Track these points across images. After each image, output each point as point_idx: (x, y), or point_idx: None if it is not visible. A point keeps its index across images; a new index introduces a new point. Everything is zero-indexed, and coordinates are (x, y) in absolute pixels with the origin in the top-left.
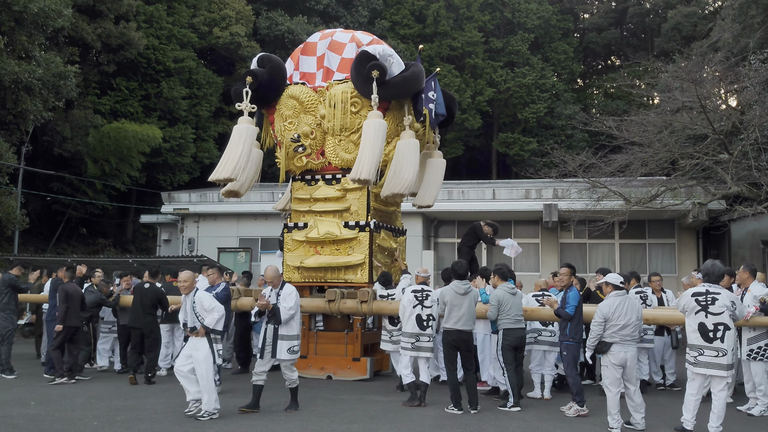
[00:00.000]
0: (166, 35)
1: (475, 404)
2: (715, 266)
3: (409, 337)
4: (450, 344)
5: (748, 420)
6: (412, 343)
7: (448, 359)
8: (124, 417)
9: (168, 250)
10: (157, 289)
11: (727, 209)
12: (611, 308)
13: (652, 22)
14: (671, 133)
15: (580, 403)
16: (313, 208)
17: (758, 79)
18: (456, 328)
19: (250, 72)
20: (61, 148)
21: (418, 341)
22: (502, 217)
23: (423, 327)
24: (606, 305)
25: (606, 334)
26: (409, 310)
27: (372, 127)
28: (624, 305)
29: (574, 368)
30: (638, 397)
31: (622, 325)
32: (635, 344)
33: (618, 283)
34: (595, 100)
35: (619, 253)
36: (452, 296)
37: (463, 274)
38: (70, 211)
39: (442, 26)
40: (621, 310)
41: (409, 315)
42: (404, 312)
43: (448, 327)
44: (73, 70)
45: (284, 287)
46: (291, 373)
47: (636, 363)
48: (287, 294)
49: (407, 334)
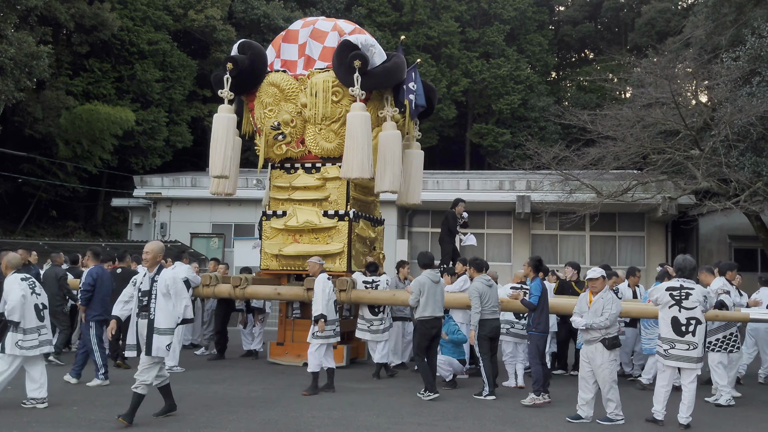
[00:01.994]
0: (140, 17)
1: (432, 389)
2: (687, 261)
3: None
4: (428, 332)
5: (715, 411)
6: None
7: (421, 346)
8: (104, 401)
9: (139, 234)
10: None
11: (696, 204)
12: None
13: (626, 16)
14: (644, 128)
15: (536, 392)
16: (293, 197)
17: (730, 77)
18: (435, 315)
19: (230, 58)
20: (32, 129)
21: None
22: (476, 208)
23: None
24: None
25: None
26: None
27: (357, 122)
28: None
29: (536, 358)
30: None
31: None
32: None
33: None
34: (569, 93)
35: (590, 245)
36: (429, 285)
37: (430, 263)
38: (41, 193)
39: (419, 15)
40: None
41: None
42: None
43: (427, 315)
44: (46, 50)
45: (162, 272)
46: (151, 373)
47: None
48: (165, 279)
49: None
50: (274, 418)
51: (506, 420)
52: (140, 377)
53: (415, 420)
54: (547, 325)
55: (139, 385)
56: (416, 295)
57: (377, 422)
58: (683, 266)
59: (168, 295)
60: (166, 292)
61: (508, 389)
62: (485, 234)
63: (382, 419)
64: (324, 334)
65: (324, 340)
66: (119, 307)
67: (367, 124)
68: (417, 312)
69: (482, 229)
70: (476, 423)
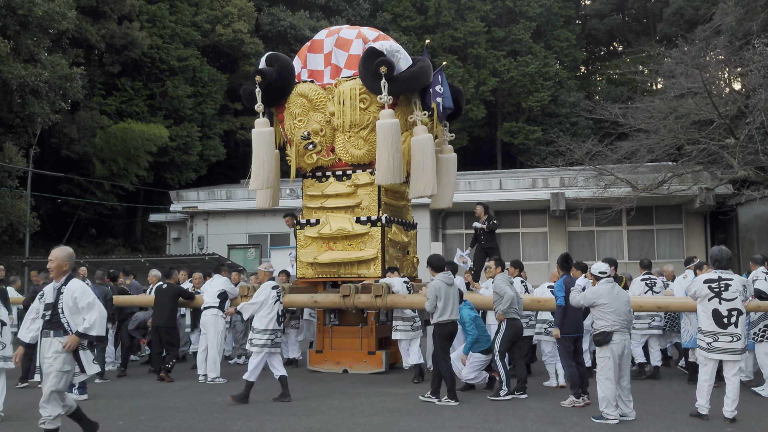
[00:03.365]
0: (169, 34)
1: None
2: (723, 251)
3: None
4: (448, 336)
5: (762, 402)
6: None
7: (444, 351)
8: (149, 416)
9: (178, 248)
10: (177, 287)
11: (734, 193)
12: (596, 294)
13: (653, 6)
14: (676, 119)
15: (575, 394)
16: (325, 205)
17: (762, 62)
18: (452, 319)
19: (259, 71)
20: (69, 149)
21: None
22: (510, 207)
23: None
24: (592, 291)
25: (604, 324)
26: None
27: (387, 130)
28: (612, 293)
29: (566, 359)
30: (627, 383)
31: (613, 312)
32: (628, 332)
33: (598, 273)
34: (599, 87)
35: (627, 239)
36: (445, 289)
37: (443, 266)
38: (80, 212)
39: (443, 17)
40: (609, 298)
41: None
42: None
43: (445, 319)
44: (79, 71)
45: (70, 282)
46: (55, 405)
47: (629, 352)
48: (73, 291)
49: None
50: (315, 426)
51: (548, 420)
52: (44, 411)
53: (456, 424)
54: (575, 325)
55: (45, 420)
56: (433, 300)
57: (418, 427)
58: (719, 257)
59: (75, 309)
60: (73, 305)
61: (549, 389)
62: (520, 233)
63: (423, 424)
64: (261, 342)
65: (259, 349)
66: (26, 326)
67: (397, 131)
68: (435, 317)
69: (517, 228)
70: (517, 424)
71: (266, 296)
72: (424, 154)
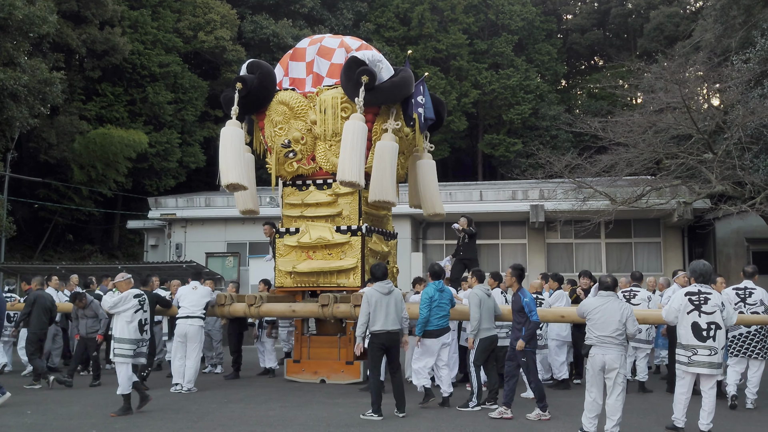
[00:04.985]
0: (151, 40)
1: (402, 408)
2: (706, 266)
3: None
4: (380, 347)
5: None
6: None
7: (374, 362)
8: (122, 424)
9: (155, 255)
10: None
11: (711, 208)
12: (590, 307)
13: (634, 22)
14: (656, 133)
15: (542, 408)
16: (305, 213)
17: (741, 79)
18: (385, 329)
19: (240, 78)
20: (47, 154)
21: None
22: (489, 219)
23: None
24: (587, 303)
25: (587, 336)
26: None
27: (351, 129)
28: (605, 306)
29: (534, 373)
30: (613, 400)
31: (601, 327)
32: (617, 347)
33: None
34: (579, 101)
35: (606, 252)
36: (377, 297)
37: (381, 276)
38: (57, 217)
39: (426, 28)
40: (602, 311)
41: None
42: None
43: (377, 329)
44: (59, 76)
45: None
46: None
47: (619, 366)
48: None
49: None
50: None
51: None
52: None
53: None
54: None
55: None
56: (365, 308)
57: None
58: (704, 271)
59: None
60: None
61: (527, 400)
62: (500, 244)
63: None
64: (123, 351)
65: (123, 359)
66: None
67: (360, 132)
68: (369, 326)
69: (496, 239)
70: None
71: (121, 302)
72: (383, 159)
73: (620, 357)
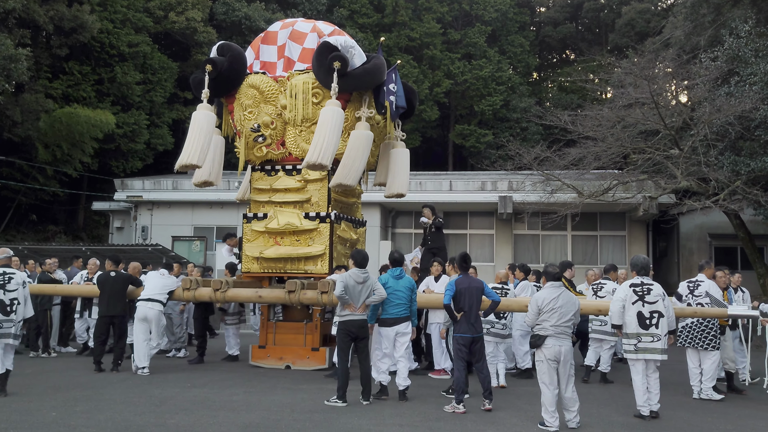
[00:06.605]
0: (120, 19)
1: (368, 395)
2: (645, 259)
3: None
4: (347, 333)
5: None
6: None
7: (342, 349)
8: (84, 407)
9: (121, 238)
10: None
11: (676, 203)
12: (545, 300)
13: (606, 17)
14: (624, 128)
15: (457, 400)
16: (273, 199)
17: (708, 77)
18: (353, 318)
19: (209, 60)
20: (11, 132)
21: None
22: (458, 209)
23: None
24: (540, 296)
25: (539, 327)
26: None
27: (330, 114)
28: (561, 296)
29: (457, 362)
30: (570, 393)
31: (557, 317)
32: (568, 338)
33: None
34: (550, 94)
35: (572, 244)
36: (352, 285)
37: (361, 262)
38: (20, 197)
39: (400, 16)
40: (555, 303)
41: None
42: None
43: (346, 317)
44: (25, 53)
45: None
46: None
47: (571, 357)
48: None
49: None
50: (255, 422)
51: (488, 420)
52: None
53: (396, 422)
54: (466, 325)
55: None
56: (340, 290)
57: (359, 424)
58: (645, 264)
59: None
60: None
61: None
62: (468, 234)
63: (363, 421)
64: None
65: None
66: None
67: (338, 118)
68: (337, 312)
69: (465, 229)
70: (457, 423)
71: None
72: (357, 148)
73: (571, 347)
